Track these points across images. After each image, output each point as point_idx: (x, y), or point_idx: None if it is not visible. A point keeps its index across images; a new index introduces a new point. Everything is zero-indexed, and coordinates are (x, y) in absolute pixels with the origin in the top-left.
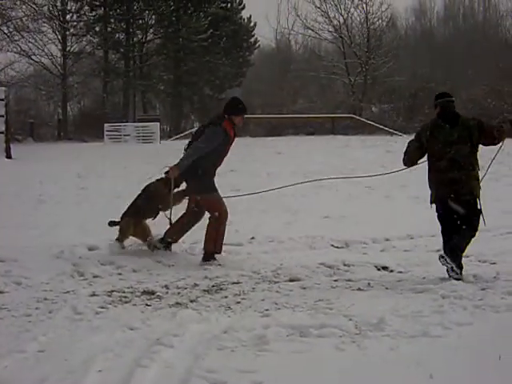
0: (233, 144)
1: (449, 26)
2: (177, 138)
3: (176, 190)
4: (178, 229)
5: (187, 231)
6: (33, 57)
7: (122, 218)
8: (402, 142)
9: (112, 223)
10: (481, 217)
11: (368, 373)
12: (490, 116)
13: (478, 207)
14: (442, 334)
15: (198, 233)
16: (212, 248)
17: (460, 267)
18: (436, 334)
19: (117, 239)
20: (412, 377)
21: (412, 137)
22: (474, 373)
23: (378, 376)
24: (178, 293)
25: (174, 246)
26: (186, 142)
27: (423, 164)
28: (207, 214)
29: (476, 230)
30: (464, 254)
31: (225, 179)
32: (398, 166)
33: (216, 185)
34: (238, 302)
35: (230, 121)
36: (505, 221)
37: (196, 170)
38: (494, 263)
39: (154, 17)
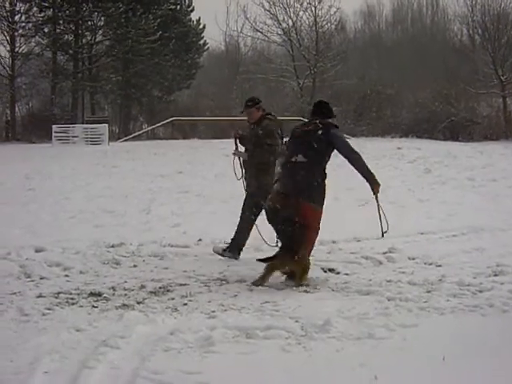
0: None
1: (397, 29)
2: (125, 140)
3: None
4: None
5: None
6: None
7: None
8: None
9: None
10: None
11: (313, 374)
12: (438, 119)
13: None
14: (387, 336)
15: (144, 234)
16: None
17: None
18: (381, 335)
19: None
20: (357, 378)
21: (360, 139)
22: (419, 374)
23: (323, 377)
24: (125, 294)
25: (122, 248)
26: (135, 143)
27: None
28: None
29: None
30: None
31: (173, 181)
32: (345, 168)
33: None
34: (185, 304)
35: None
36: (450, 223)
37: (315, 177)
38: (440, 265)
39: (103, 18)
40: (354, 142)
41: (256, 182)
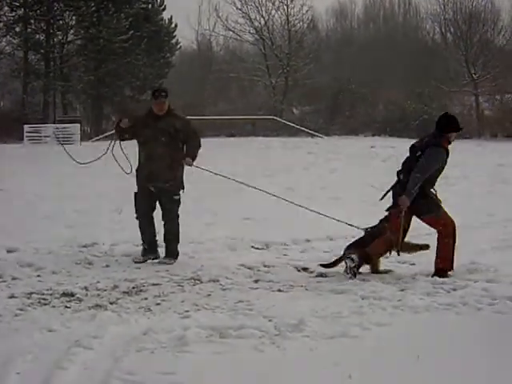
0: None
1: (369, 27)
2: (97, 140)
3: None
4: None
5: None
6: None
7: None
8: (323, 143)
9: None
10: None
11: (287, 373)
12: (411, 118)
13: None
14: (361, 335)
15: (117, 234)
16: (445, 265)
17: None
18: (355, 334)
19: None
20: (331, 377)
21: (333, 138)
22: (393, 373)
23: (297, 376)
24: (98, 295)
25: (94, 248)
26: (107, 143)
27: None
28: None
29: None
30: None
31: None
32: (319, 167)
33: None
34: (158, 304)
35: (447, 139)
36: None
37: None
38: (413, 264)
39: (74, 17)
40: (328, 141)
41: (172, 174)
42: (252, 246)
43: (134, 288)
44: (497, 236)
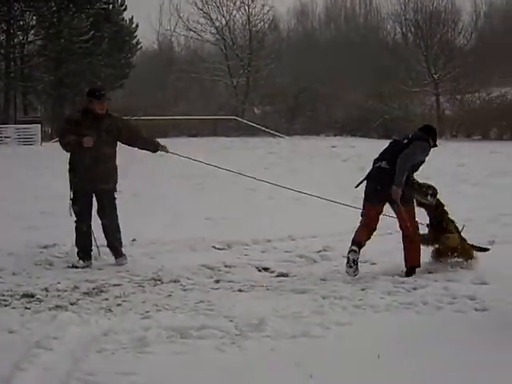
0: None
1: (330, 27)
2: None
3: None
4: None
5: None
6: None
7: None
8: (284, 143)
9: None
10: None
11: (248, 373)
12: (372, 118)
13: None
14: (321, 334)
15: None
16: (416, 262)
17: None
18: (316, 334)
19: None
20: (292, 377)
21: (294, 138)
22: (354, 373)
23: (257, 376)
24: (58, 295)
25: (55, 248)
26: None
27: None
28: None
29: None
30: None
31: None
32: (280, 167)
33: None
34: (119, 305)
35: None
36: (385, 221)
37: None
38: (374, 263)
39: (34, 18)
40: (289, 141)
41: (116, 174)
42: (213, 247)
43: (94, 289)
44: None
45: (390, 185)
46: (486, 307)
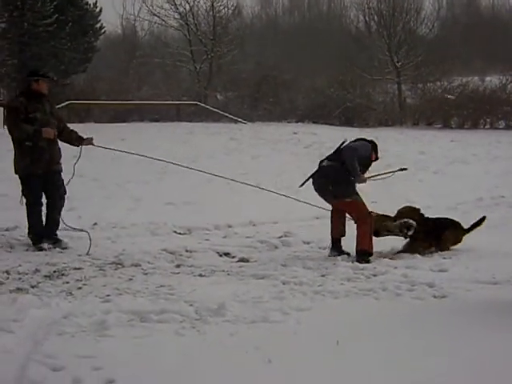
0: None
1: (294, 14)
2: None
3: None
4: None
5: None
6: None
7: None
8: (246, 129)
9: None
10: None
11: (207, 358)
12: (334, 105)
13: None
14: (281, 320)
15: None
16: (365, 246)
17: None
18: (275, 319)
19: None
20: (251, 361)
21: (256, 124)
22: (312, 358)
23: (217, 361)
24: (19, 278)
25: (16, 231)
26: None
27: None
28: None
29: None
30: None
31: (66, 165)
32: (238, 154)
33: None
34: (80, 288)
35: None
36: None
37: (348, 175)
38: None
39: None
40: (251, 127)
41: (60, 156)
42: (174, 231)
43: (55, 272)
44: None
45: (336, 179)
46: (444, 294)
